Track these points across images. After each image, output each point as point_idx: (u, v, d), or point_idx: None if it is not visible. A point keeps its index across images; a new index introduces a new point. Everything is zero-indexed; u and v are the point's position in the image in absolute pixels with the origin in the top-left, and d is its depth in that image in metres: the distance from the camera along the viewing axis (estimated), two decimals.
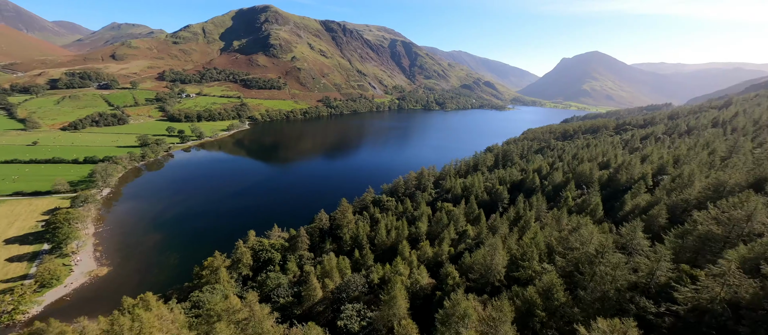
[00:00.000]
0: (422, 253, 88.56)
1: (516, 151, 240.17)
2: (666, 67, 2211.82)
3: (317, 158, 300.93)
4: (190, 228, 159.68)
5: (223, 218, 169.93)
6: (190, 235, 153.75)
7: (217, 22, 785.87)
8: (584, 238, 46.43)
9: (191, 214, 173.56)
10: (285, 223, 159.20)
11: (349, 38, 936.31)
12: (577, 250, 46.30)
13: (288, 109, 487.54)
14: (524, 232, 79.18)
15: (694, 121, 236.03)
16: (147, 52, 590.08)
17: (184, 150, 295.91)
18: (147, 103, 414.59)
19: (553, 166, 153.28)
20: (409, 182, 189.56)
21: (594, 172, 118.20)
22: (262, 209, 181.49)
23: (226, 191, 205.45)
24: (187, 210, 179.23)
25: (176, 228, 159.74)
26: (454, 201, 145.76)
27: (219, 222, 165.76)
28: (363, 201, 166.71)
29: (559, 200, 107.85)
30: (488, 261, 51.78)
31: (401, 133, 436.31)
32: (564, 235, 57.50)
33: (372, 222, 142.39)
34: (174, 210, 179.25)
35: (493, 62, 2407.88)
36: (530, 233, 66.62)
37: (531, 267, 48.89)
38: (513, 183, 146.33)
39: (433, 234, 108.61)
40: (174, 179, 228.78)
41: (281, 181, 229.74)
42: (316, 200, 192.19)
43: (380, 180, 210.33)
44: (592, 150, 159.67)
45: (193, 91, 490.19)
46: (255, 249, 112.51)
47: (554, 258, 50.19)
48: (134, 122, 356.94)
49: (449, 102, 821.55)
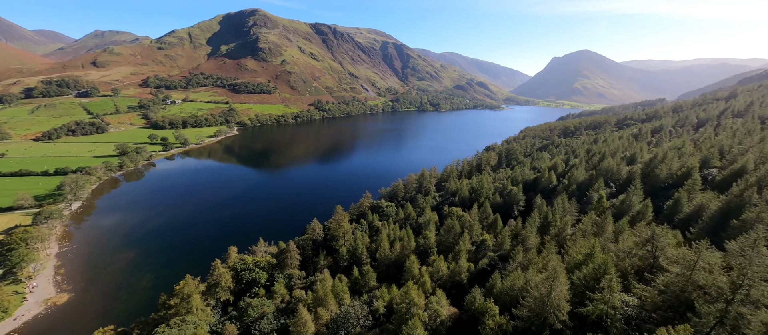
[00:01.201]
0: (435, 270, 73.70)
1: (520, 150, 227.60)
2: (654, 64, 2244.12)
3: (310, 163, 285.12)
4: (168, 244, 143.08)
5: (207, 231, 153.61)
6: (168, 252, 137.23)
7: (204, 26, 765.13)
8: (688, 261, 32.29)
9: (170, 228, 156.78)
10: (274, 234, 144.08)
11: (340, 41, 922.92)
12: (680, 276, 32.17)
13: (278, 113, 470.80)
14: (562, 244, 64.76)
15: (704, 113, 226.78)
16: (130, 58, 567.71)
17: (168, 158, 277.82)
18: (129, 111, 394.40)
19: (569, 163, 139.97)
20: (409, 185, 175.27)
21: (621, 168, 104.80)
22: (250, 219, 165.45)
23: (211, 201, 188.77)
24: (165, 223, 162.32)
25: (152, 245, 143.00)
26: (462, 205, 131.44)
27: (201, 235, 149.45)
28: (360, 208, 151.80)
29: (586, 201, 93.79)
30: (542, 293, 37.09)
31: (396, 135, 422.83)
32: (642, 253, 43.36)
33: (371, 232, 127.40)
34: (151, 223, 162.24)
35: (484, 63, 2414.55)
36: (584, 247, 52.13)
37: (608, 302, 34.55)
38: (525, 183, 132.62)
39: (443, 244, 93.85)
40: (154, 189, 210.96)
41: (271, 189, 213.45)
42: (309, 208, 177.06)
43: (377, 184, 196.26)
44: (611, 144, 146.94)
45: (179, 97, 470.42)
46: (236, 269, 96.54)
47: (632, 287, 36.14)
48: (114, 130, 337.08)
49: (443, 103, 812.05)
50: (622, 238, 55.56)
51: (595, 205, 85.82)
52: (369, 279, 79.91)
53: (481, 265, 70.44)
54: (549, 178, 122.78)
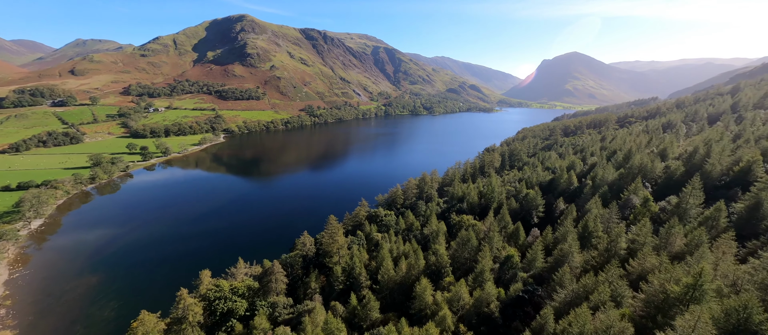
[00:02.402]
0: (454, 297, 58.40)
1: (523, 150, 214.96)
2: (641, 65, 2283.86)
3: (300, 171, 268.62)
4: (138, 265, 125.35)
5: (185, 248, 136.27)
6: (138, 275, 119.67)
7: (190, 33, 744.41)
8: None
9: (143, 246, 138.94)
10: (260, 250, 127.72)
11: (331, 46, 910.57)
12: None
13: (268, 119, 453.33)
14: (622, 262, 50.24)
15: (712, 108, 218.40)
16: (111, 66, 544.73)
17: (147, 168, 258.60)
18: (108, 120, 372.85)
19: (586, 161, 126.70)
20: (408, 191, 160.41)
21: (656, 165, 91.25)
22: (234, 234, 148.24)
23: (192, 214, 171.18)
24: (137, 240, 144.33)
25: (120, 267, 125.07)
26: (472, 211, 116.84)
27: (178, 253, 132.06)
28: (356, 218, 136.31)
29: (622, 204, 79.53)
30: None
31: (391, 139, 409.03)
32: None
33: (370, 245, 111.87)
34: (121, 241, 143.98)
35: (476, 67, 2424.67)
36: (673, 272, 37.53)
37: None
38: (540, 185, 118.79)
39: (458, 260, 78.79)
40: (129, 203, 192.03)
41: (259, 199, 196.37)
42: (300, 219, 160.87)
43: (373, 190, 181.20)
44: (636, 138, 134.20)
45: (163, 104, 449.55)
46: (209, 298, 79.96)
47: None
48: (91, 140, 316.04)
49: (437, 106, 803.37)
50: (713, 255, 41.43)
51: (640, 209, 71.66)
52: (370, 310, 64.17)
53: (514, 291, 55.41)
54: (568, 179, 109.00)
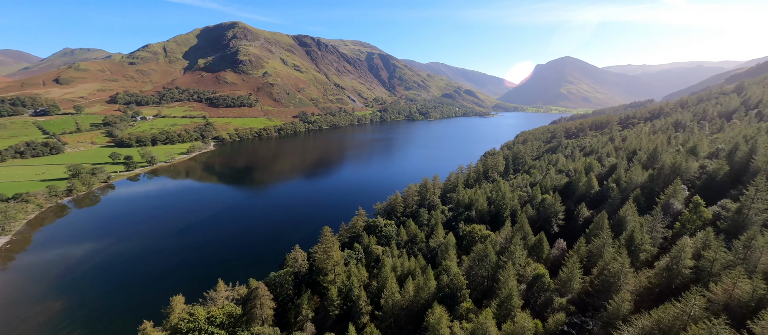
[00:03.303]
0: (478, 331, 46.79)
1: (528, 153, 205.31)
2: (633, 69, 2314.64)
3: (294, 179, 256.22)
4: (110, 287, 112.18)
5: (163, 265, 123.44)
6: (108, 298, 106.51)
7: (180, 40, 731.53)
8: None
9: (118, 264, 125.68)
10: (249, 265, 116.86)
11: (325, 52, 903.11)
12: None
13: (260, 126, 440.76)
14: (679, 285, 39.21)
15: (721, 106, 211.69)
16: (98, 74, 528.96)
17: (131, 179, 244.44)
18: (92, 129, 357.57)
19: (603, 164, 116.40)
20: (409, 198, 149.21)
21: (689, 164, 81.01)
22: (219, 248, 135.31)
23: (175, 227, 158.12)
24: (113, 257, 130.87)
25: (90, 288, 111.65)
26: (481, 220, 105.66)
27: (155, 271, 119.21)
28: (353, 229, 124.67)
29: (664, 212, 68.70)
30: None
31: (387, 144, 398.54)
32: None
33: (369, 260, 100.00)
34: (95, 259, 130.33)
35: (470, 72, 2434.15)
36: None
37: None
38: (554, 190, 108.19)
39: (474, 280, 67.19)
40: (109, 216, 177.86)
41: (248, 209, 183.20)
42: (292, 230, 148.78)
43: (371, 198, 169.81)
44: (652, 137, 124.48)
45: (151, 112, 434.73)
46: (181, 330, 67.39)
47: None
48: (72, 150, 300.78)
49: (433, 111, 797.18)
50: None
51: (688, 216, 60.82)
52: None
53: (554, 324, 43.91)
54: (588, 182, 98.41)
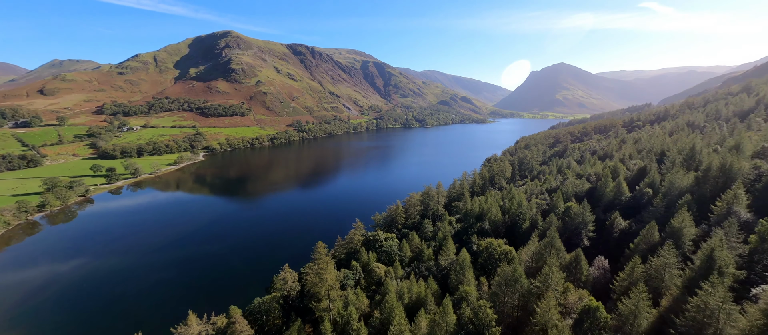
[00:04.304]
0: None
1: (534, 158, 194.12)
2: (626, 75, 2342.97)
3: (287, 189, 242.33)
4: (73, 317, 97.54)
5: (135, 289, 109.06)
6: (68, 330, 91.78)
7: (172, 50, 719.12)
8: None
9: (87, 289, 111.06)
10: (233, 288, 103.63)
11: (319, 61, 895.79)
12: None
13: (253, 135, 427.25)
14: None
15: (733, 106, 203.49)
16: (85, 84, 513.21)
17: (112, 192, 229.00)
18: (76, 140, 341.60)
19: (629, 166, 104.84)
20: (411, 208, 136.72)
21: (742, 164, 69.45)
22: (203, 267, 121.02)
23: (155, 244, 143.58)
24: (82, 281, 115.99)
25: (49, 320, 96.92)
26: (495, 232, 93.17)
27: (126, 297, 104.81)
28: (350, 244, 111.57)
29: (716, 219, 56.77)
30: None
31: (384, 153, 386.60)
32: None
33: (369, 282, 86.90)
34: (61, 283, 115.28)
35: (465, 79, 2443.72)
36: None
37: None
38: (576, 197, 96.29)
39: (501, 310, 54.24)
40: (83, 234, 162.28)
41: (236, 224, 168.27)
42: (284, 244, 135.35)
43: (369, 208, 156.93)
44: (694, 136, 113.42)
45: (138, 123, 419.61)
46: None
47: None
48: (52, 163, 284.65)
49: (429, 118, 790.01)
50: None
51: (766, 227, 48.67)
52: None
53: None
54: (616, 188, 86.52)
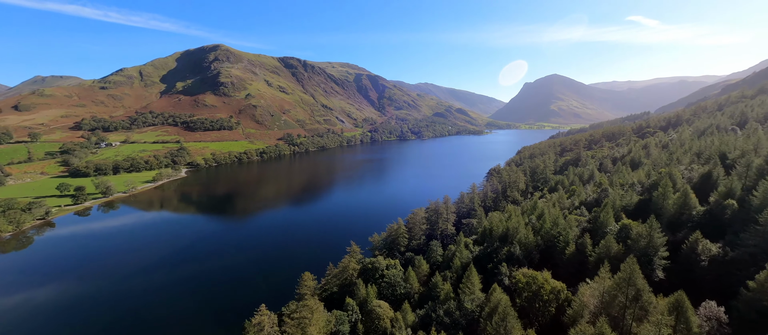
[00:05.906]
0: None
1: (548, 167, 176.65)
2: (619, 85, 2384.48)
3: (275, 207, 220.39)
4: None
5: (91, 325, 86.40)
6: None
7: (158, 64, 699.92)
8: None
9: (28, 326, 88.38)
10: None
11: (311, 74, 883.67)
12: None
13: (241, 150, 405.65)
14: None
15: (750, 109, 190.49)
16: (64, 100, 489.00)
17: (79, 213, 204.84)
18: (47, 158, 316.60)
19: (684, 173, 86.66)
20: (415, 227, 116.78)
21: None
22: (167, 302, 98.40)
23: (118, 274, 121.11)
24: (19, 324, 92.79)
25: None
26: (528, 258, 73.53)
27: None
28: (343, 274, 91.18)
29: None
30: None
31: (380, 166, 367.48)
32: None
33: (368, 328, 66.07)
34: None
35: (460, 92, 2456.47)
36: None
37: None
38: (625, 211, 77.46)
39: None
40: (35, 264, 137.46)
41: (213, 248, 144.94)
42: (264, 273, 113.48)
43: (365, 228, 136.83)
44: (735, 139, 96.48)
45: (118, 138, 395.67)
46: None
47: None
48: (15, 183, 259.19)
49: (425, 130, 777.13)
50: None
51: None
52: None
53: None
54: (682, 199, 67.81)
